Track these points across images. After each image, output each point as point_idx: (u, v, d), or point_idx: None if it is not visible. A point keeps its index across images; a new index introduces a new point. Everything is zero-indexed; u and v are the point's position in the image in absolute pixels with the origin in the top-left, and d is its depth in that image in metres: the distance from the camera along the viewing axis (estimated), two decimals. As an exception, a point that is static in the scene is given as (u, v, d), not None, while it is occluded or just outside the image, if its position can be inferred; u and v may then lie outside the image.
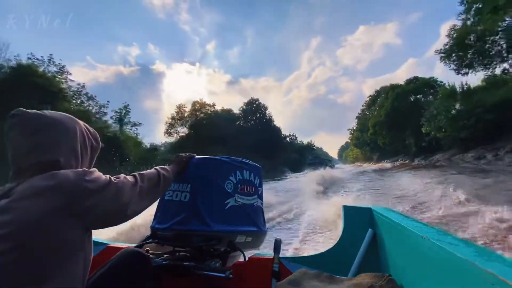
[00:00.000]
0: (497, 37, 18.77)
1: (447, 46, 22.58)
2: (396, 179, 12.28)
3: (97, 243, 1.47)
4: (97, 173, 0.72)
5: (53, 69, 20.54)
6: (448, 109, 19.74)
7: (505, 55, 19.32)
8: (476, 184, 7.50)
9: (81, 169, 0.70)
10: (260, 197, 1.32)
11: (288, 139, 51.03)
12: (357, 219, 1.30)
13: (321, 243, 3.90)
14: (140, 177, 0.86)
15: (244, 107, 42.78)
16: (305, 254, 1.50)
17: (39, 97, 16.21)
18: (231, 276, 1.07)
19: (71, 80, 21.75)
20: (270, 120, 44.36)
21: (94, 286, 0.78)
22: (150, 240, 1.17)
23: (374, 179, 14.27)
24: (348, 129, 60.66)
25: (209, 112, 38.80)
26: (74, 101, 21.97)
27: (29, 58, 18.84)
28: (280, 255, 1.28)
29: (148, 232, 1.21)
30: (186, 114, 37.78)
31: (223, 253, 1.18)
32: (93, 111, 23.54)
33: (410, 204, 6.17)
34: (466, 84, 20.16)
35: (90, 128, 0.85)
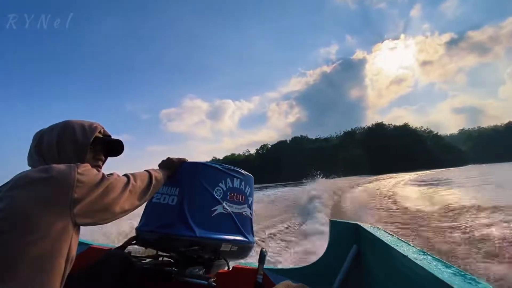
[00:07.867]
0: None
1: None
2: None
3: (79, 243, 1.44)
4: (89, 167, 0.74)
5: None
6: None
7: None
8: None
9: (74, 163, 0.71)
10: (250, 206, 1.30)
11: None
12: (343, 234, 1.30)
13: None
14: (133, 176, 0.88)
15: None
16: (290, 266, 1.49)
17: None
18: (213, 284, 1.06)
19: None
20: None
21: (75, 285, 0.78)
22: (133, 242, 1.15)
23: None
24: None
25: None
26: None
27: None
28: (265, 266, 1.27)
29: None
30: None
31: (207, 260, 1.17)
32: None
33: None
34: None
35: (85, 125, 0.85)
